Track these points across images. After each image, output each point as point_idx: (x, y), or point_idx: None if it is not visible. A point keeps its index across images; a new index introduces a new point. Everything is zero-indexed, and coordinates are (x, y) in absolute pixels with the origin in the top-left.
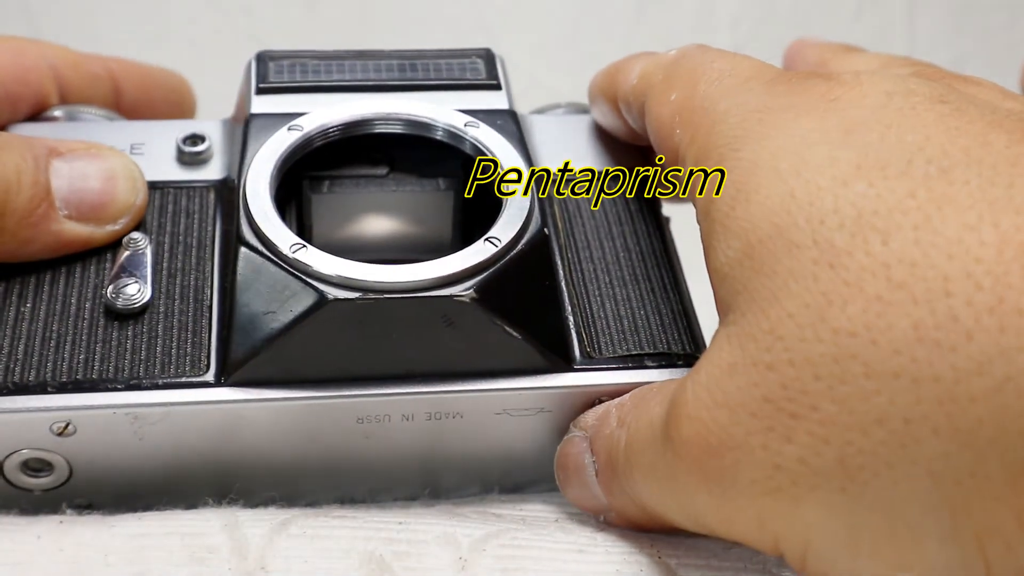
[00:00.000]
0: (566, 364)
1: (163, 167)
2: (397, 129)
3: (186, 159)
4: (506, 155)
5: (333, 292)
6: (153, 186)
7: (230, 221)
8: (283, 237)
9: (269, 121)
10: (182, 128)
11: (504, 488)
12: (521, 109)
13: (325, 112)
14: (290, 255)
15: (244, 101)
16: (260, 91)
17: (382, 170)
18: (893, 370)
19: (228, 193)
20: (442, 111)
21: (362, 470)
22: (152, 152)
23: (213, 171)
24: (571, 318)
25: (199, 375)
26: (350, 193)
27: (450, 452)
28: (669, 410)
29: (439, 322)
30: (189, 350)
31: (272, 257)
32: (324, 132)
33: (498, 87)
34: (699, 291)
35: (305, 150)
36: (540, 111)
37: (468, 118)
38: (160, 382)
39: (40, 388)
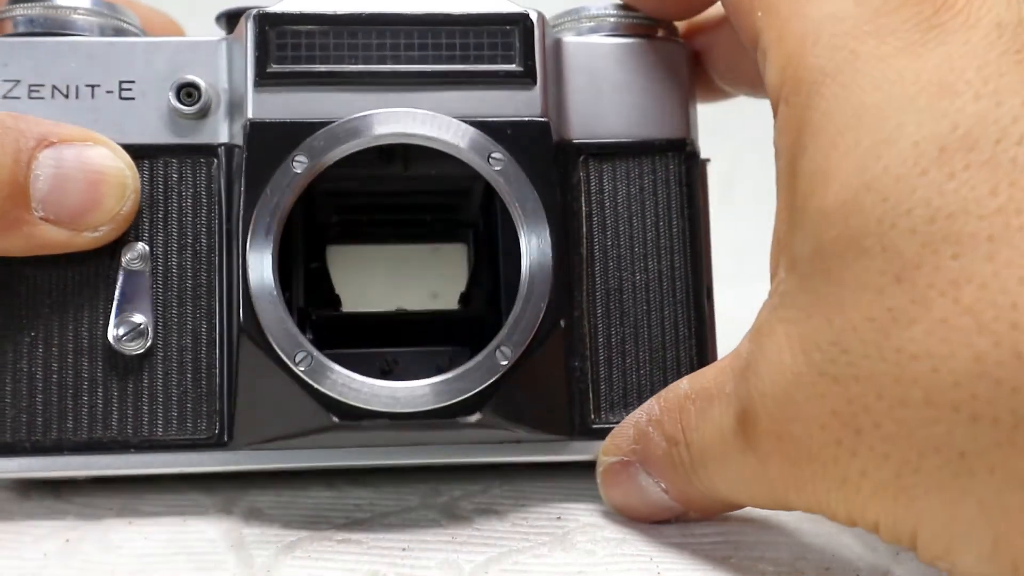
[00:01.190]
0: (567, 434)
1: (154, 124)
2: (415, 143)
3: (180, 115)
4: (527, 213)
5: (338, 416)
6: (143, 153)
7: (233, 217)
8: (290, 343)
9: (272, 142)
10: (175, 62)
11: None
12: None
13: (335, 140)
14: (297, 369)
15: (237, 78)
16: (260, 83)
17: (397, 167)
18: (953, 403)
19: (224, 164)
20: (465, 139)
21: None
22: (143, 99)
23: (213, 129)
24: (578, 387)
25: (209, 433)
26: (365, 250)
27: None
28: (742, 422)
29: (446, 435)
30: (194, 405)
31: (278, 363)
32: (334, 166)
33: (532, 82)
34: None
35: (312, 190)
36: (567, 20)
37: (493, 148)
38: (170, 442)
39: (56, 449)
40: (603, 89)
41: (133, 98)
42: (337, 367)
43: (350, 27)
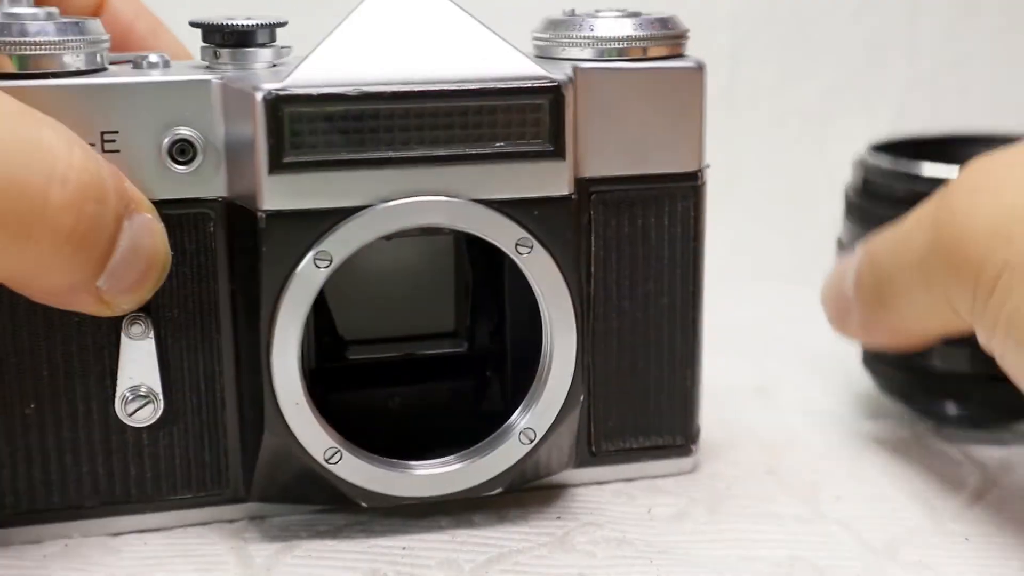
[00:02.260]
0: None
1: (143, 179)
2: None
3: (172, 170)
4: (550, 297)
5: (366, 502)
6: None
7: (237, 278)
8: (320, 442)
9: (290, 235)
10: (160, 108)
11: None
12: None
13: (356, 235)
14: (328, 465)
15: (253, 153)
16: (275, 169)
17: None
18: None
19: (232, 220)
20: (491, 227)
21: None
22: (128, 151)
23: (206, 182)
24: (582, 421)
25: (225, 492)
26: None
27: None
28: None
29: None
30: (209, 466)
31: (306, 459)
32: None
33: (562, 158)
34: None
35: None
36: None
37: (521, 234)
38: (189, 501)
39: (74, 514)
40: (616, 119)
41: (118, 150)
42: (365, 462)
43: (370, 107)
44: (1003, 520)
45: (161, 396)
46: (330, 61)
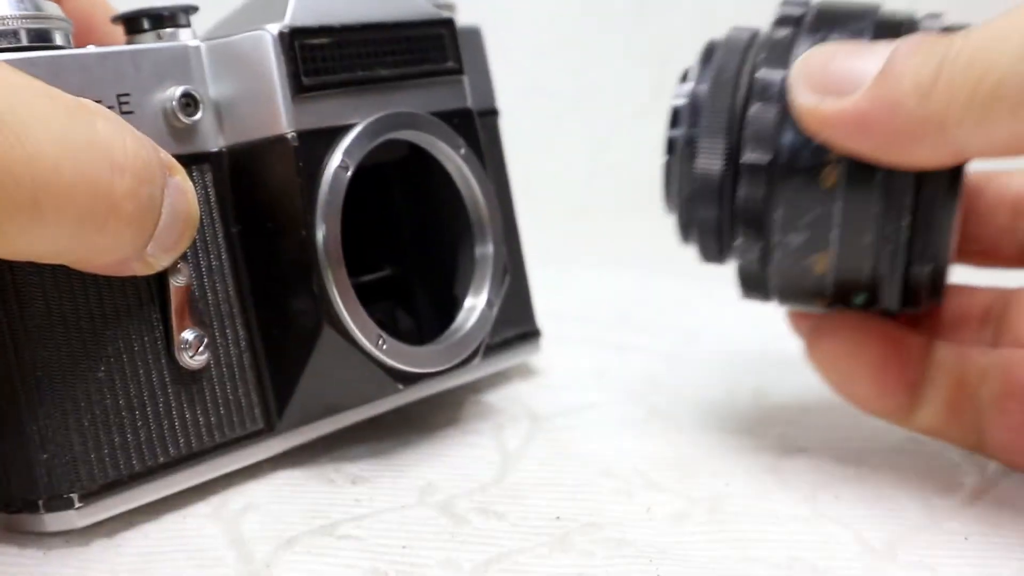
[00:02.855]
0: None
1: (156, 137)
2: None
3: (179, 126)
4: (484, 187)
5: (402, 382)
6: None
7: (232, 217)
8: (369, 330)
9: (317, 150)
10: (159, 71)
11: None
12: (520, 110)
13: (364, 142)
14: (378, 351)
15: (266, 89)
16: (297, 96)
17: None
18: None
19: (223, 170)
20: (441, 133)
21: None
22: (141, 112)
23: (205, 137)
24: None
25: (258, 426)
26: None
27: None
28: None
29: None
30: (245, 403)
31: (359, 350)
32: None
33: (463, 72)
34: None
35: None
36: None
37: (457, 139)
38: (230, 443)
39: (148, 475)
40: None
41: (132, 111)
42: (401, 344)
43: (352, 37)
44: (1002, 519)
45: (205, 339)
46: (306, 6)
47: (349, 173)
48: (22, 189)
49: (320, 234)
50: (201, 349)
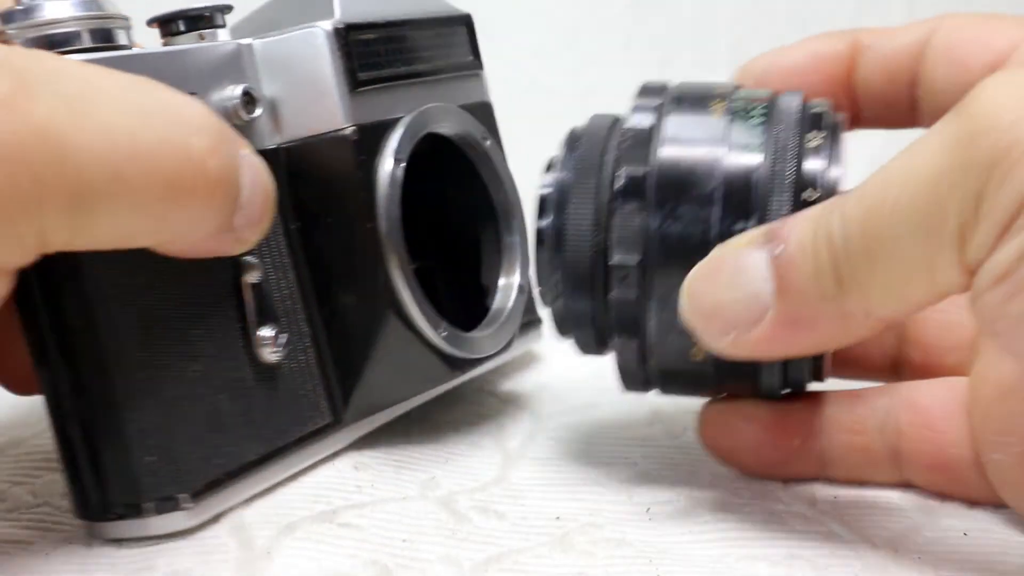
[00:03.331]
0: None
1: None
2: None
3: (241, 123)
4: (509, 181)
5: (460, 369)
6: None
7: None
8: (433, 320)
9: (373, 144)
10: (218, 70)
11: None
12: (519, 110)
13: (411, 137)
14: (439, 339)
15: (321, 85)
16: (353, 91)
17: None
18: None
19: (280, 166)
20: (471, 125)
21: None
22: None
23: (262, 134)
24: None
25: (325, 420)
26: None
27: None
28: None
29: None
30: (314, 398)
31: (420, 339)
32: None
33: (482, 68)
34: None
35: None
36: None
37: (483, 129)
38: (305, 438)
39: (241, 472)
40: None
41: None
42: (457, 332)
43: (396, 32)
44: (1001, 516)
45: (280, 334)
46: (351, 3)
47: (403, 166)
48: (103, 163)
49: (384, 226)
50: (278, 344)
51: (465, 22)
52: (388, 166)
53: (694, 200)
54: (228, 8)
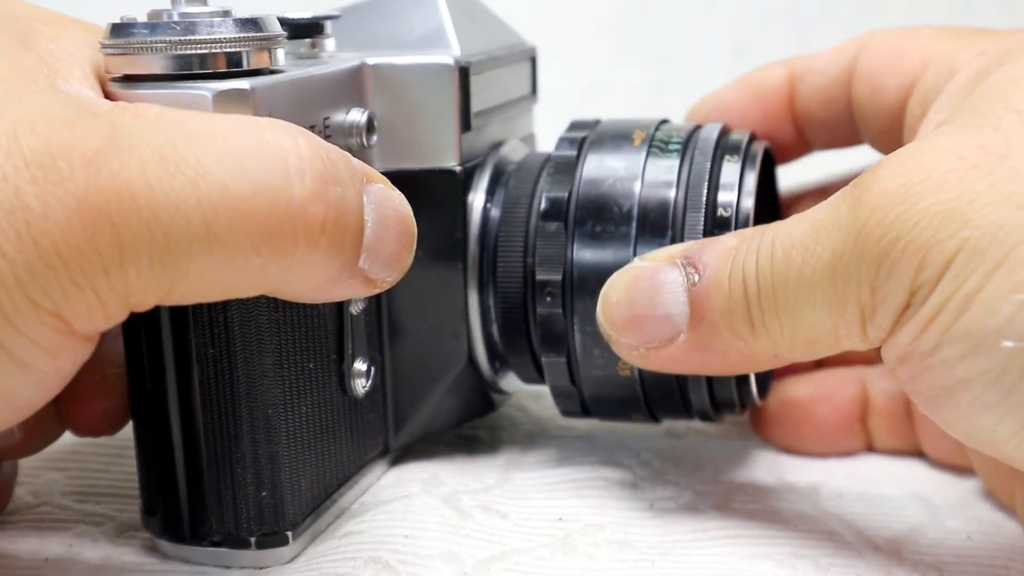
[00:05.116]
0: None
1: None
2: None
3: (360, 148)
4: None
5: (499, 397)
6: None
7: None
8: (490, 357)
9: (471, 182)
10: (338, 93)
11: None
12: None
13: (495, 175)
14: (492, 376)
15: (439, 120)
16: (465, 128)
17: None
18: None
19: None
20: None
21: None
22: (335, 134)
23: (372, 160)
24: None
25: (379, 449)
26: None
27: None
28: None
29: None
30: (378, 428)
31: (479, 375)
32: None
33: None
34: None
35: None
36: None
37: None
38: (364, 464)
39: (332, 501)
40: None
41: (330, 135)
42: (507, 371)
43: (496, 70)
44: (1005, 518)
45: (371, 369)
46: (465, 37)
47: (493, 205)
48: (191, 219)
49: (471, 264)
50: (370, 378)
51: (531, 56)
52: (479, 205)
53: (612, 219)
54: (336, 16)
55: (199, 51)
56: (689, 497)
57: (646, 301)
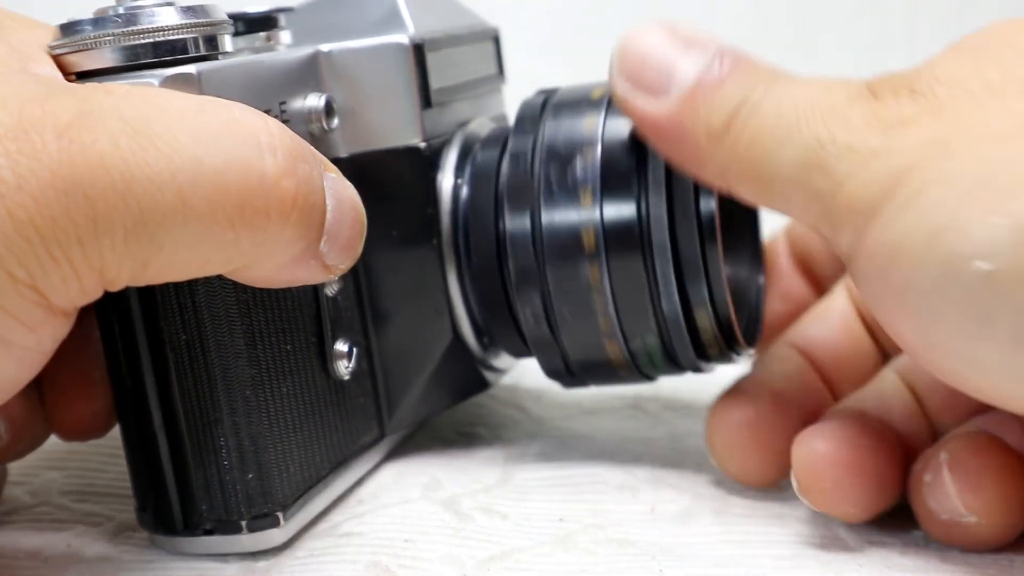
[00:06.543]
0: None
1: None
2: None
3: (320, 133)
4: None
5: (494, 377)
6: None
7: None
8: (477, 333)
9: (438, 159)
10: (292, 79)
11: None
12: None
13: (460, 152)
14: (481, 353)
15: (397, 99)
16: (425, 105)
17: None
18: None
19: (359, 174)
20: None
21: None
22: (293, 120)
23: (335, 144)
24: None
25: (374, 435)
26: None
27: None
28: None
29: None
30: (369, 413)
31: (468, 352)
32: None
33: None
34: None
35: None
36: None
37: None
38: (358, 449)
39: (320, 487)
40: None
41: (288, 120)
42: (497, 347)
43: (457, 48)
44: None
45: (353, 351)
46: (420, 17)
47: (461, 180)
48: (166, 190)
49: (445, 241)
50: (350, 358)
51: (494, 36)
52: (449, 182)
53: (577, 160)
54: (290, 9)
55: (143, 40)
56: (689, 499)
57: (667, 44)
